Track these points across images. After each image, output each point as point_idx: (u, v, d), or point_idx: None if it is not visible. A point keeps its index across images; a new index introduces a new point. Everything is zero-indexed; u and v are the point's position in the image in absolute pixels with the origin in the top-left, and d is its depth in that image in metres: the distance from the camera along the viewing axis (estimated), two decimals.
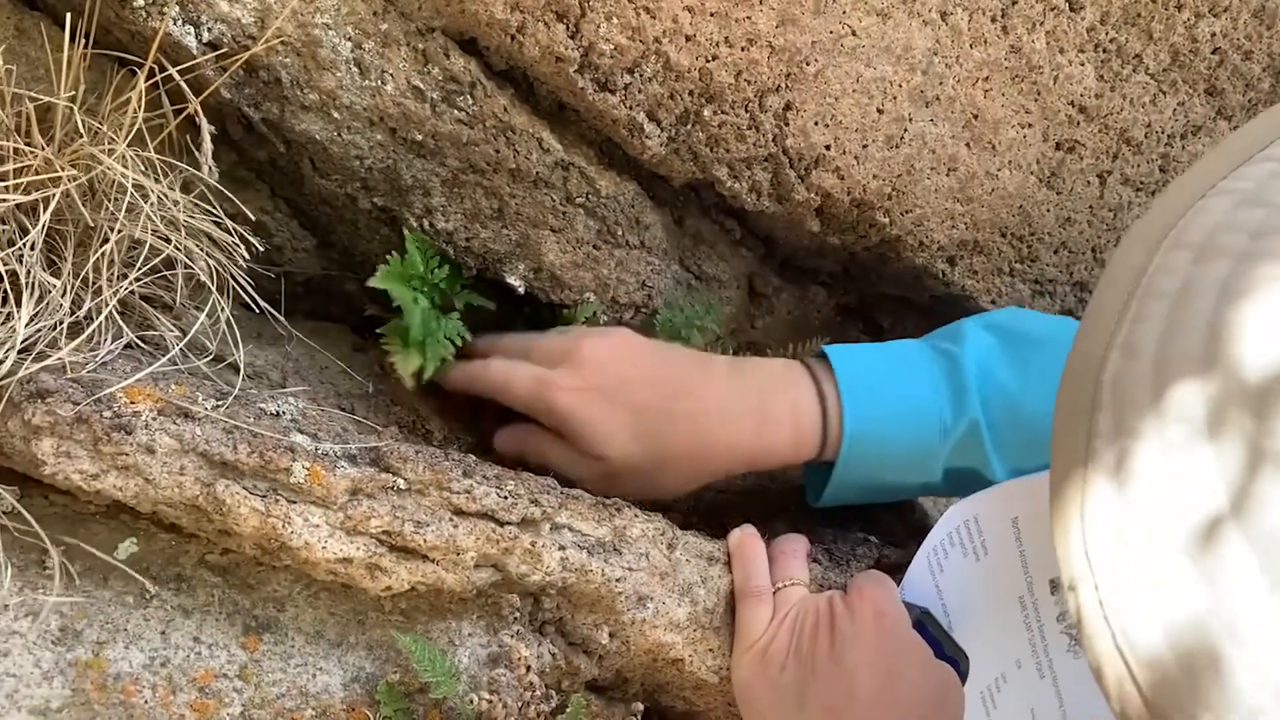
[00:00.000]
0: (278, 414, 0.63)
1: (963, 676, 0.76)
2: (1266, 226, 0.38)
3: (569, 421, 0.74)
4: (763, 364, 0.78)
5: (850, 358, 0.76)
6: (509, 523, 0.63)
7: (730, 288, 0.94)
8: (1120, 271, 0.41)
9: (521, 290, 0.83)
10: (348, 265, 0.86)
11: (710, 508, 0.87)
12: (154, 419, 0.57)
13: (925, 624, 0.75)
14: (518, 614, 0.64)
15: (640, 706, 0.70)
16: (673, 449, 0.74)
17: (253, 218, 0.74)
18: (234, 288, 0.72)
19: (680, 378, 0.75)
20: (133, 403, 0.57)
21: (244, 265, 0.72)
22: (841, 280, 0.97)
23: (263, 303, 0.73)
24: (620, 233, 0.83)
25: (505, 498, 0.63)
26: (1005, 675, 0.79)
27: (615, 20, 0.71)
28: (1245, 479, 0.34)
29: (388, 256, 0.77)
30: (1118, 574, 0.37)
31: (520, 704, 0.62)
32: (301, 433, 0.61)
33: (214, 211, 0.71)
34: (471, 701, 0.60)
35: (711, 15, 0.74)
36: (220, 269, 0.70)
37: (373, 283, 0.75)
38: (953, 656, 0.75)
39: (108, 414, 0.56)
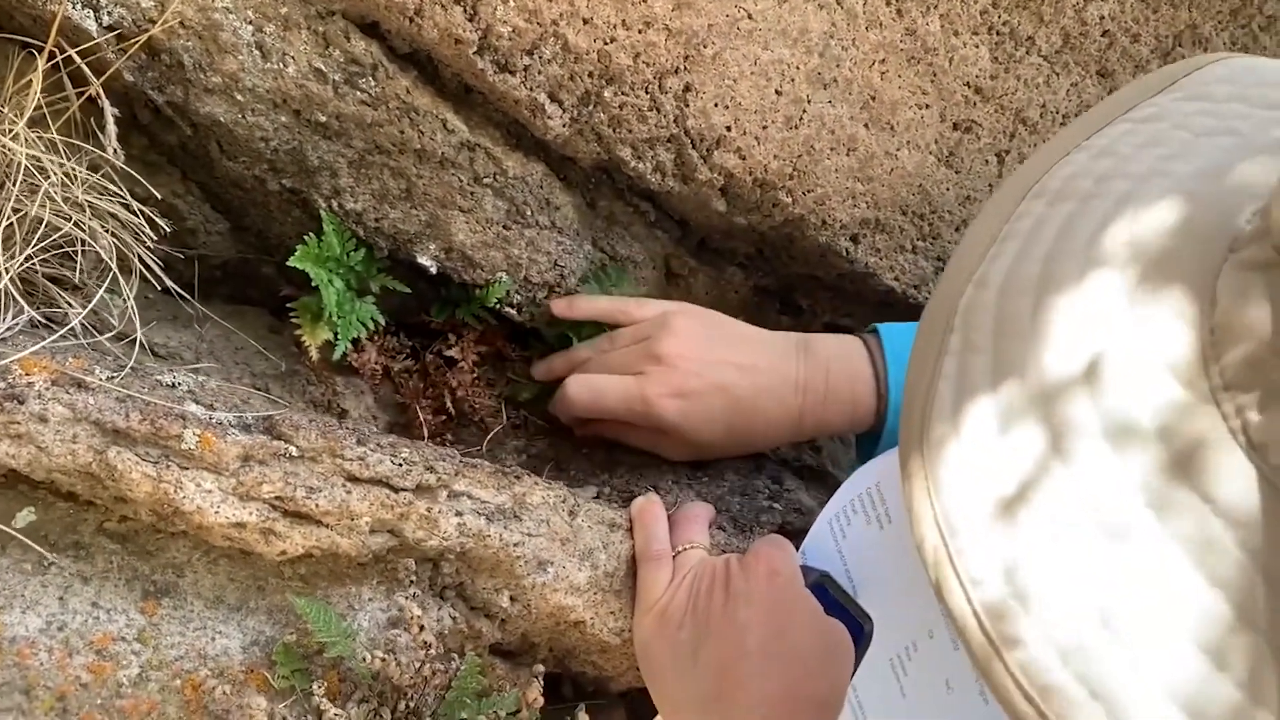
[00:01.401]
0: (174, 385, 0.64)
1: (867, 638, 0.78)
2: (1111, 172, 0.43)
3: (670, 424, 0.81)
4: (827, 340, 0.84)
5: (897, 335, 0.83)
6: (404, 489, 0.64)
7: (646, 268, 0.96)
8: (986, 221, 0.46)
9: (434, 270, 0.85)
10: (263, 248, 0.88)
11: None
12: (47, 389, 0.58)
13: (826, 586, 0.77)
14: (414, 578, 0.66)
15: (541, 669, 0.72)
16: (757, 424, 0.82)
17: (160, 198, 0.75)
18: (141, 268, 0.73)
19: (757, 355, 0.82)
20: (27, 374, 0.59)
21: (151, 246, 0.74)
22: (757, 261, 1.00)
23: (169, 282, 0.74)
24: (530, 213, 0.85)
25: (400, 464, 0.65)
26: (916, 644, 0.82)
27: (512, 3, 0.73)
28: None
29: (305, 237, 0.79)
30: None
31: (416, 663, 0.63)
32: (197, 403, 0.63)
33: (120, 193, 0.72)
34: (365, 660, 0.62)
35: None
36: (124, 249, 0.71)
37: (290, 263, 0.77)
38: (856, 618, 0.77)
39: (1, 385, 0.58)
